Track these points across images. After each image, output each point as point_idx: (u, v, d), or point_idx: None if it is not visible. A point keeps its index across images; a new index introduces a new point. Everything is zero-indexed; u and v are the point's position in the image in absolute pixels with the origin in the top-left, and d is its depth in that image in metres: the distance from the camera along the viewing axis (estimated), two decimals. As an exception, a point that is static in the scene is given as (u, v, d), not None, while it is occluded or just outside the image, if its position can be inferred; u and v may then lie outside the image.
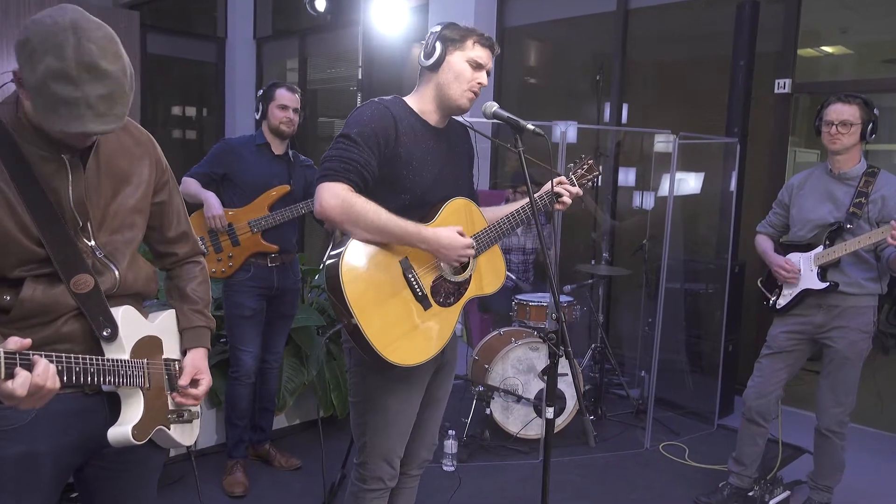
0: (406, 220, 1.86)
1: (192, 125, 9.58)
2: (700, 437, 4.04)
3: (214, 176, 3.03)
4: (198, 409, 1.65)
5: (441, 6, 6.10)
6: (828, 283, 2.86)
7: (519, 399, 3.73)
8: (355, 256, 1.82)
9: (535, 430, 3.74)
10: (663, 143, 4.21)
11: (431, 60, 1.96)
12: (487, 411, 3.71)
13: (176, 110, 9.51)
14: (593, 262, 4.43)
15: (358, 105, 2.00)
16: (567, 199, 2.15)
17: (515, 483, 3.38)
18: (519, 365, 3.74)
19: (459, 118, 2.15)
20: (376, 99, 1.95)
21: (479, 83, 1.98)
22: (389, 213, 1.83)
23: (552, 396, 1.88)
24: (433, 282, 1.96)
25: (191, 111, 9.59)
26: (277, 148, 3.09)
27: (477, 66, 1.97)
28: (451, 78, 1.96)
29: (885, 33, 4.73)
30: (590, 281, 4.32)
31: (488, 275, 2.09)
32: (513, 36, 6.11)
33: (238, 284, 3.01)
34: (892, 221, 2.58)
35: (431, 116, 2.02)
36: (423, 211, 1.98)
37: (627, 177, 5.41)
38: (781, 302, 3.00)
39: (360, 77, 6.35)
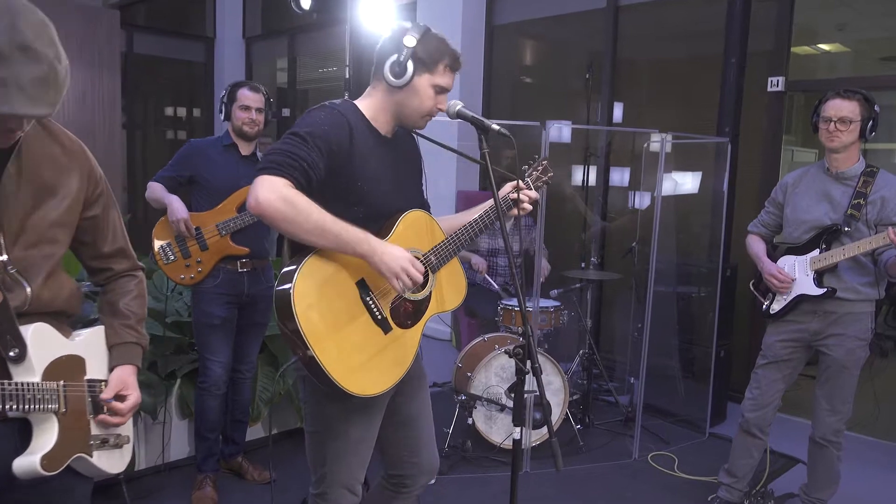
0: (353, 226, 1.73)
1: (183, 125, 9.47)
2: (691, 447, 3.92)
3: (181, 179, 2.91)
4: (129, 433, 1.53)
5: (429, 4, 5.99)
6: (825, 289, 2.73)
7: (503, 408, 3.60)
8: (308, 282, 1.69)
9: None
10: (655, 143, 4.09)
11: (401, 81, 1.84)
12: (470, 421, 3.59)
13: (167, 110, 9.40)
14: (583, 264, 4.31)
15: (311, 108, 1.88)
16: (527, 205, 2.03)
17: (499, 496, 3.26)
18: (502, 373, 3.62)
19: None
20: (329, 103, 1.83)
21: (439, 108, 1.89)
22: (333, 216, 1.71)
23: (520, 417, 1.76)
24: (392, 303, 1.84)
25: (181, 111, 9.48)
26: (245, 148, 2.98)
27: (441, 91, 1.87)
28: (416, 102, 1.86)
29: (882, 30, 4.61)
30: (577, 285, 4.20)
31: (449, 290, 1.98)
32: (502, 34, 5.99)
33: (206, 292, 2.89)
34: (890, 228, 2.46)
35: (382, 125, 1.91)
36: (378, 224, 1.86)
37: (620, 177, 5.29)
38: (775, 307, 2.88)
39: (347, 76, 6.24)
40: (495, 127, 1.80)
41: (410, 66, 1.82)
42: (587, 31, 5.51)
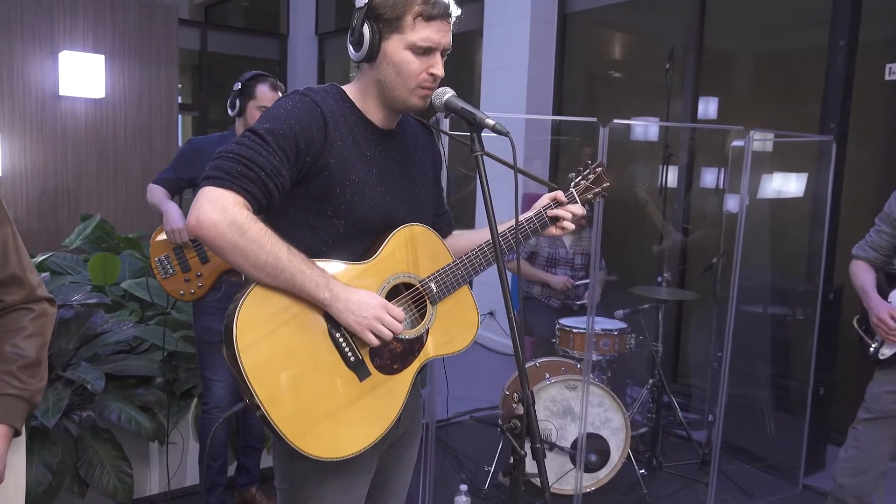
0: (314, 265, 1.36)
1: (257, 123, 9.42)
2: (780, 502, 3.32)
3: (181, 182, 2.62)
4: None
5: (496, -8, 5.57)
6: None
7: (552, 447, 3.15)
8: (257, 311, 1.32)
9: (572, 483, 3.15)
10: (740, 143, 3.51)
11: (361, 53, 1.44)
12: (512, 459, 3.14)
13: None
14: (661, 278, 3.77)
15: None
16: (567, 224, 1.60)
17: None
18: (553, 406, 3.16)
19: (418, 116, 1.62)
20: (303, 88, 1.46)
21: (431, 74, 1.45)
22: (293, 250, 1.33)
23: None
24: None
25: (257, 110, 9.44)
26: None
27: (425, 52, 1.43)
28: (391, 75, 1.44)
29: None
30: (646, 305, 3.67)
31: (454, 327, 1.55)
32: (576, 22, 5.49)
33: (207, 306, 2.60)
34: None
35: (375, 114, 1.51)
36: (365, 242, 1.47)
37: (707, 180, 4.70)
38: (886, 352, 2.30)
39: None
40: (489, 121, 1.38)
41: (367, 30, 1.42)
42: (670, 19, 4.93)
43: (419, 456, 3.16)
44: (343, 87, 1.51)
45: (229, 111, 2.64)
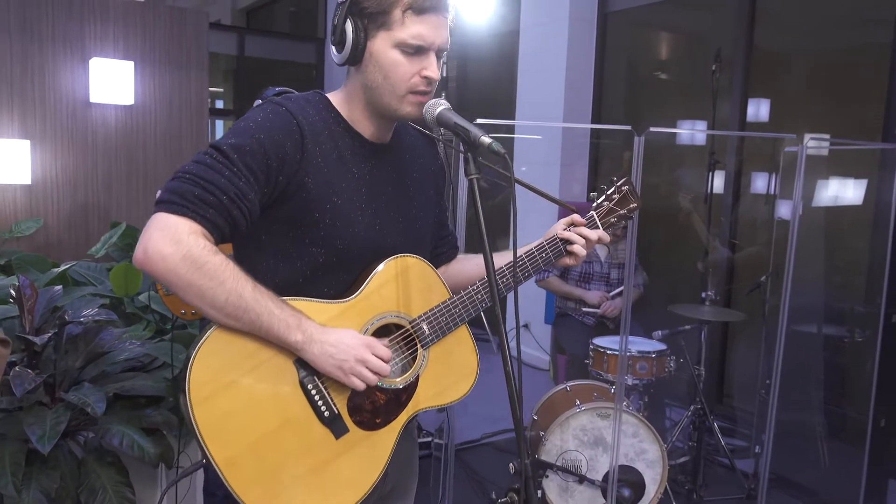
0: (285, 304, 1.18)
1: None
2: (834, 543, 3.04)
3: None
4: None
5: (533, -10, 5.35)
6: None
7: (582, 479, 2.92)
8: (217, 355, 1.15)
9: (604, 519, 2.92)
10: (793, 149, 3.23)
11: (344, 54, 1.27)
12: (539, 492, 2.93)
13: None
14: (705, 295, 3.49)
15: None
16: (580, 250, 1.39)
17: None
18: (583, 436, 2.94)
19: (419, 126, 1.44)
20: (278, 98, 1.28)
21: (424, 76, 1.26)
22: (259, 287, 1.16)
23: None
24: (353, 392, 1.26)
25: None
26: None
27: (417, 51, 1.25)
28: (378, 79, 1.26)
29: None
30: (687, 327, 3.41)
31: (449, 374, 1.36)
32: (617, 21, 5.23)
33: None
34: None
35: (364, 126, 1.33)
36: (350, 273, 1.29)
37: (757, 188, 4.40)
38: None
39: (444, 74, 5.73)
40: (485, 140, 1.18)
41: (349, 27, 1.24)
42: (717, 16, 4.64)
43: (438, 481, 2.99)
44: (328, 95, 1.33)
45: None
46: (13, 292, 2.69)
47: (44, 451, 2.30)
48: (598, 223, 1.47)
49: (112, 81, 4.79)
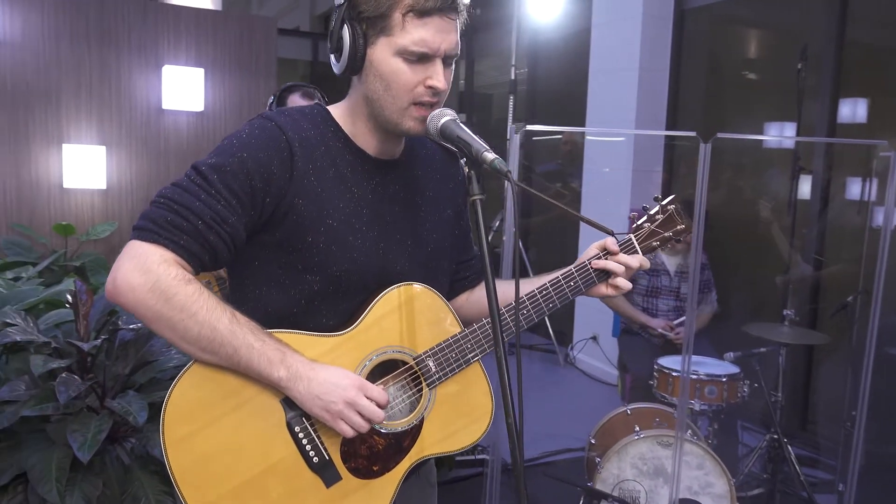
0: (268, 336, 1.08)
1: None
2: None
3: None
4: None
5: (606, -12, 5.12)
6: None
7: (639, 511, 2.72)
8: (195, 392, 1.07)
9: (664, 556, 2.71)
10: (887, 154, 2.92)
11: (342, 63, 1.16)
12: (593, 523, 2.75)
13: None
14: (785, 314, 3.21)
15: None
16: (622, 282, 1.23)
17: None
18: (642, 465, 2.73)
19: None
20: (270, 111, 1.19)
21: (429, 86, 1.13)
22: (238, 318, 1.06)
23: None
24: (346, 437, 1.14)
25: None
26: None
27: (421, 58, 1.12)
28: (379, 89, 1.15)
29: None
30: (762, 349, 3.13)
31: (459, 417, 1.22)
32: (695, 19, 4.93)
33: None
34: None
35: (367, 141, 1.21)
36: (351, 303, 1.18)
37: (846, 193, 4.04)
38: None
39: (513, 77, 5.57)
40: (488, 156, 1.04)
41: (346, 33, 1.12)
42: (804, 11, 4.30)
43: (487, 501, 2.85)
44: (330, 108, 1.23)
45: None
46: (70, 297, 2.74)
47: (83, 460, 2.31)
48: (638, 247, 1.30)
49: (183, 88, 4.90)
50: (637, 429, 2.77)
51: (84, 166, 4.62)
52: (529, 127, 2.34)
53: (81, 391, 2.43)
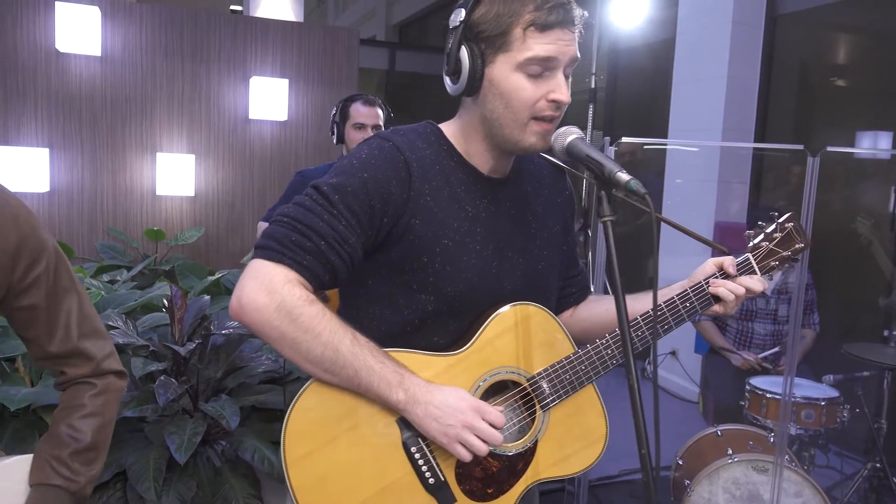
0: (386, 357, 1.07)
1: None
2: None
3: None
4: None
5: (693, -6, 4.99)
6: None
7: (732, 539, 2.61)
8: (314, 412, 1.08)
9: (757, 586, 2.60)
10: None
11: (460, 84, 1.14)
12: (682, 549, 2.66)
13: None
14: (888, 335, 3.05)
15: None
16: (731, 303, 1.19)
17: None
18: (735, 490, 2.63)
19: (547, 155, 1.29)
20: (387, 130, 1.19)
21: (553, 100, 1.11)
22: (359, 340, 1.07)
23: None
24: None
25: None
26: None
27: (542, 73, 1.10)
28: (499, 108, 1.13)
29: None
30: (865, 373, 2.97)
31: (572, 441, 1.19)
32: (788, 25, 4.75)
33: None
34: None
35: (481, 160, 1.20)
36: (463, 322, 1.17)
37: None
38: None
39: (593, 86, 5.49)
40: (623, 176, 1.00)
41: (465, 55, 1.10)
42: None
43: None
44: (441, 126, 1.22)
45: (333, 140, 2.52)
46: (166, 302, 2.84)
47: (180, 461, 2.38)
48: (756, 268, 1.25)
49: (269, 98, 5.03)
50: (730, 452, 2.66)
51: (175, 174, 4.81)
52: (626, 139, 2.29)
53: (178, 394, 2.51)
